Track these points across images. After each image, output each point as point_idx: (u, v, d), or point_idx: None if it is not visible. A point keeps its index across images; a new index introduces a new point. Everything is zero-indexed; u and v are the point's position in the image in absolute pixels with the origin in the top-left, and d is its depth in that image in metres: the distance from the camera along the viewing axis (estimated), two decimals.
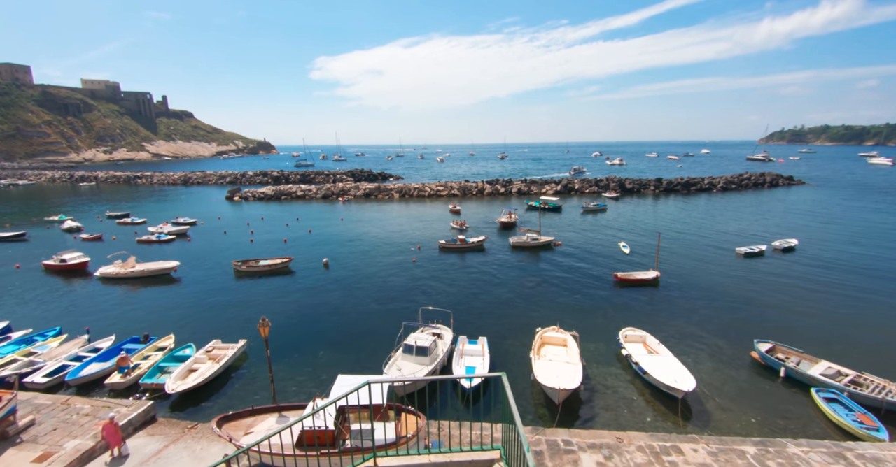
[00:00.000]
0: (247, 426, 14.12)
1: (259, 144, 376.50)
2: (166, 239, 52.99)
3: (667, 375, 19.68)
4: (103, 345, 25.17)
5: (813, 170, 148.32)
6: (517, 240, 48.61)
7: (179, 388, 20.11)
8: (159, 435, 17.32)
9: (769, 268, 40.54)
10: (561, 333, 23.93)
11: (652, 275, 35.43)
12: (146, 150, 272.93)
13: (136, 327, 28.45)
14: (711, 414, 19.29)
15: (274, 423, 14.03)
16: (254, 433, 13.63)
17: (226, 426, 14.04)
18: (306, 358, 24.39)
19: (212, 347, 24.74)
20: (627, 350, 22.55)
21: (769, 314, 29.96)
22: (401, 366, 21.06)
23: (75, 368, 22.60)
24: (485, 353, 22.55)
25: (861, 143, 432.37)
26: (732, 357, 24.21)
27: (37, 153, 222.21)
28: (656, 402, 19.84)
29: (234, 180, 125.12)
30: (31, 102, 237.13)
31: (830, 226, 59.34)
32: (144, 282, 38.62)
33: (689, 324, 28.35)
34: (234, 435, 13.46)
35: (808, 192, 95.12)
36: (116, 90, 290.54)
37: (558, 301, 32.52)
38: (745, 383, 21.81)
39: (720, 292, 33.86)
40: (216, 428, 13.56)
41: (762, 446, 15.99)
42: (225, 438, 13.24)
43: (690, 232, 55.50)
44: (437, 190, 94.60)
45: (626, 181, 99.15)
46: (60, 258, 40.86)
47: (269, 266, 40.31)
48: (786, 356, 23.02)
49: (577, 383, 18.93)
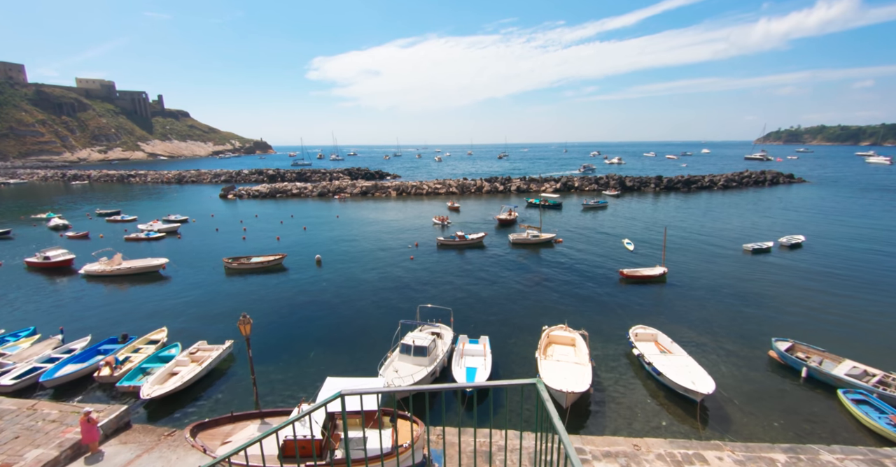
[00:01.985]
0: (224, 434, 12.68)
1: (256, 144, 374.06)
2: (156, 236, 51.41)
3: (683, 376, 18.32)
4: (78, 346, 23.69)
5: (812, 169, 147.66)
6: (517, 237, 47.26)
7: (155, 393, 18.63)
8: (133, 444, 15.85)
9: (778, 264, 39.31)
10: (569, 332, 22.53)
11: (659, 272, 34.11)
12: (142, 150, 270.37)
13: (120, 327, 26.96)
14: (731, 418, 17.93)
15: (255, 431, 12.61)
16: (232, 442, 12.19)
17: (201, 434, 12.60)
18: (296, 359, 22.93)
19: (196, 349, 23.29)
20: (639, 349, 21.17)
21: (783, 311, 28.67)
22: (398, 368, 19.62)
23: (50, 369, 21.18)
24: (487, 353, 21.12)
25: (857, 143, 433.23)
26: (749, 356, 22.87)
27: (30, 153, 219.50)
28: (672, 405, 18.47)
29: (230, 179, 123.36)
30: (24, 101, 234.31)
31: (836, 222, 58.24)
32: (131, 280, 37.08)
33: (700, 321, 27.03)
34: (208, 445, 12.02)
35: (810, 190, 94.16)
36: (112, 89, 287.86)
37: (562, 298, 31.16)
38: (765, 384, 20.48)
39: (730, 289, 32.56)
40: (189, 436, 12.13)
41: (793, 453, 14.65)
42: (199, 448, 11.79)
43: (695, 229, 54.27)
44: (436, 188, 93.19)
45: (627, 179, 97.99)
46: (44, 255, 39.27)
47: (261, 263, 38.82)
48: (806, 355, 21.70)
49: (586, 386, 17.54)
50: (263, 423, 13.06)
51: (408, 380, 17.89)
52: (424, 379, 18.72)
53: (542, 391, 3.51)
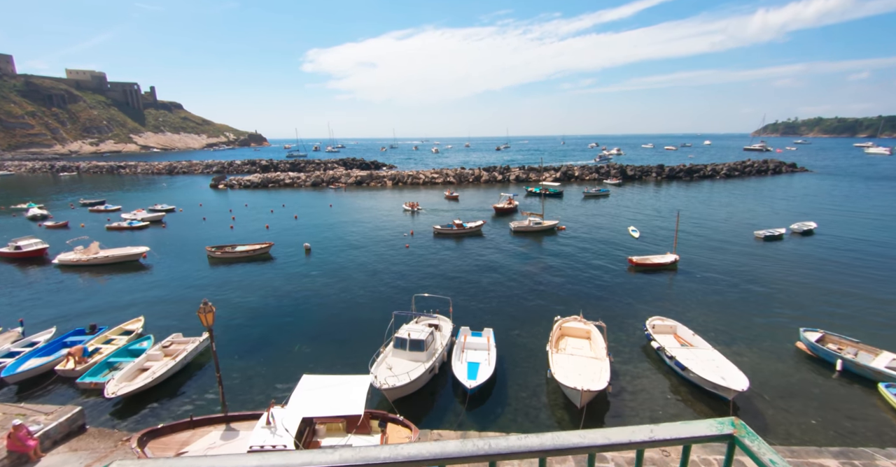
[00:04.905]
0: (180, 443, 10.62)
1: (250, 136, 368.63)
2: (139, 226, 48.99)
3: (712, 372, 16.34)
4: (41, 339, 21.56)
5: (813, 159, 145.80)
6: (518, 225, 45.15)
7: (122, 391, 16.51)
8: (84, 451, 13.77)
9: (792, 250, 37.46)
10: (584, 323, 20.46)
11: (670, 259, 32.12)
12: (134, 142, 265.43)
13: (91, 318, 24.78)
14: (764, 416, 16.02)
15: (217, 439, 10.58)
16: (188, 453, 10.12)
17: (153, 443, 10.54)
18: (280, 353, 20.86)
19: (170, 342, 21.19)
20: (658, 342, 19.17)
21: (805, 299, 26.78)
22: (391, 364, 17.47)
23: (11, 364, 19.14)
24: (491, 347, 19.04)
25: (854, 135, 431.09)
26: (774, 348, 20.97)
27: (20, 145, 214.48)
28: (698, 404, 16.52)
29: (221, 169, 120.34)
30: (13, 93, 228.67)
31: (845, 209, 56.44)
32: (109, 269, 34.83)
33: (717, 311, 25.10)
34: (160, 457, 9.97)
35: (813, 179, 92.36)
36: (102, 81, 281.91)
37: (568, 287, 29.15)
38: (795, 378, 18.58)
39: (746, 276, 30.64)
40: (137, 446, 10.06)
41: (845, 458, 12.75)
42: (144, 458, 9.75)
43: (701, 216, 52.32)
44: (433, 177, 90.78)
45: (628, 168, 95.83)
46: (15, 245, 36.91)
47: (247, 252, 36.58)
48: (839, 347, 19.81)
49: (603, 383, 15.50)
50: (228, 429, 11.01)
51: (403, 379, 15.77)
52: (422, 377, 16.62)
53: (749, 442, 1.38)
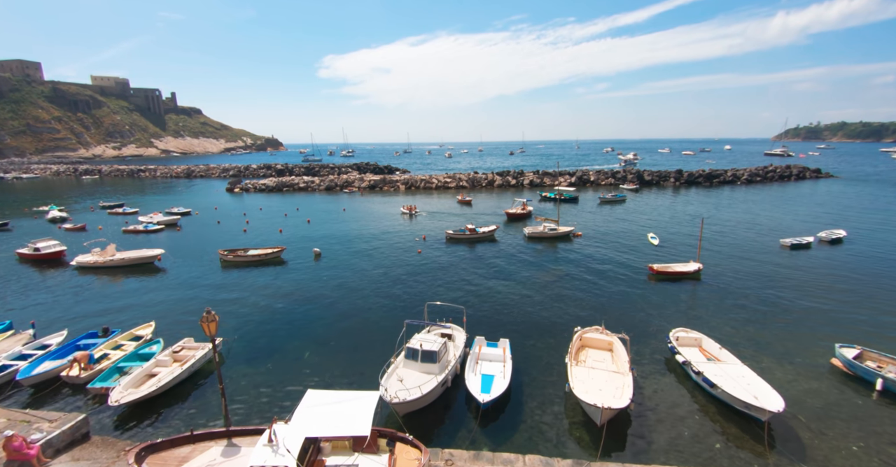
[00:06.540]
0: (180, 459, 10.12)
1: (267, 141, 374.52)
2: (154, 228, 49.52)
3: (743, 390, 15.29)
4: (53, 341, 21.49)
5: (838, 165, 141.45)
6: (533, 231, 44.27)
7: (126, 399, 16.17)
8: (85, 461, 13.40)
9: (821, 260, 35.81)
10: (606, 335, 19.55)
11: (693, 268, 30.89)
12: (155, 147, 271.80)
13: (104, 320, 24.83)
14: (801, 440, 14.90)
15: (218, 456, 10.05)
16: None
17: (152, 458, 10.07)
18: (288, 360, 20.39)
19: (180, 347, 20.91)
20: (683, 356, 18.16)
21: (836, 312, 25.37)
22: (402, 376, 16.75)
23: (27, 366, 19.16)
24: (506, 359, 18.24)
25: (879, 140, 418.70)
26: (808, 364, 19.75)
27: (47, 149, 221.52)
28: (727, 424, 15.48)
29: (238, 173, 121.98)
30: (41, 98, 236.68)
31: (873, 216, 54.16)
32: (125, 271, 35.07)
33: (745, 324, 23.88)
34: None
35: (839, 185, 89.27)
36: (126, 87, 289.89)
37: (586, 296, 28.19)
38: (832, 398, 17.36)
39: (773, 287, 29.27)
40: (134, 462, 9.57)
41: None
42: None
43: (724, 223, 50.70)
44: (445, 181, 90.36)
45: (645, 172, 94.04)
46: (34, 246, 37.47)
47: (259, 256, 36.44)
48: (879, 364, 18.52)
49: (626, 401, 14.57)
50: (229, 445, 10.49)
51: (414, 392, 15.07)
52: (434, 391, 15.89)
53: None
